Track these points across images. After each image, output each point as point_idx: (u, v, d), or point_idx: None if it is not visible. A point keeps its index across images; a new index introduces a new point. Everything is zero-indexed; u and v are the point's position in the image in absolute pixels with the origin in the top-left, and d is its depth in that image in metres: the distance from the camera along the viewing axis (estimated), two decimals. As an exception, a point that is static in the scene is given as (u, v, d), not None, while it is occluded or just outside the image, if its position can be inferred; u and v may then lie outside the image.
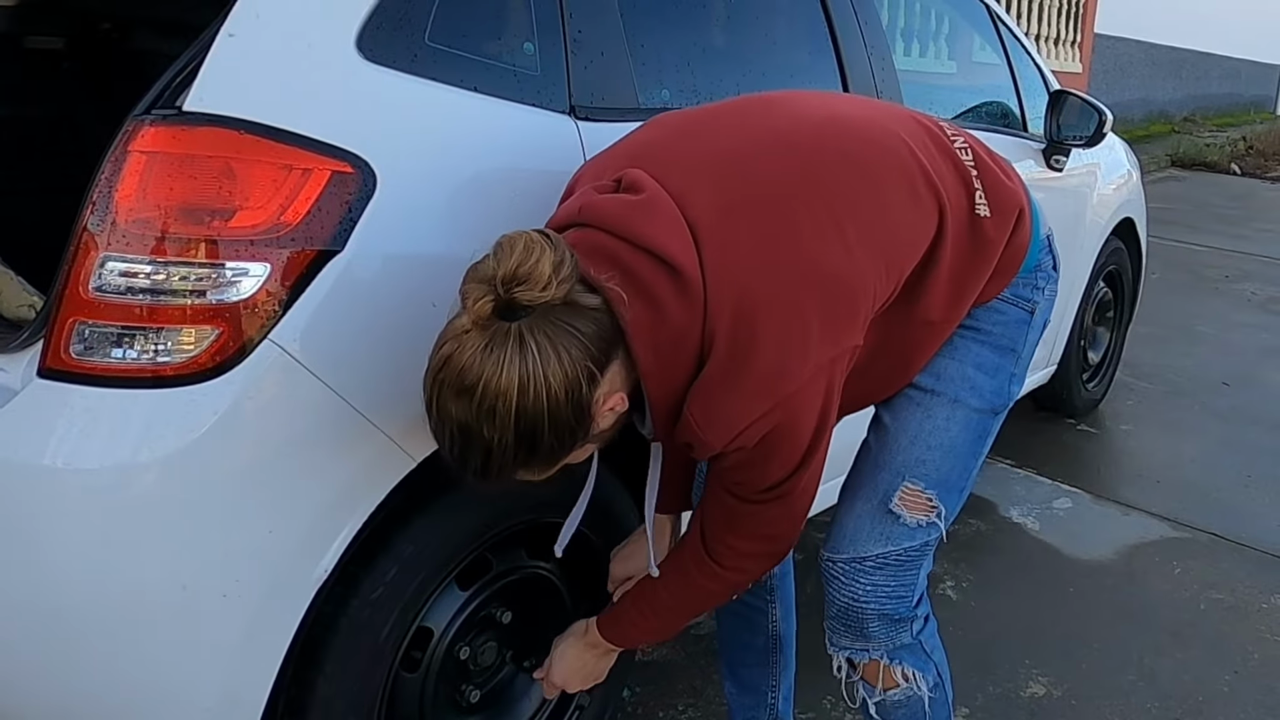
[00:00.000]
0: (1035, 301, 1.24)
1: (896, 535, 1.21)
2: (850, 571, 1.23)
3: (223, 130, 1.02)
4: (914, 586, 1.25)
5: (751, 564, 1.18)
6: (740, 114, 1.11)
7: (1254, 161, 9.74)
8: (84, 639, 1.04)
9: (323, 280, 1.06)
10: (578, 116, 1.35)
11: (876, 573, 1.22)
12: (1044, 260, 1.25)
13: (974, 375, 1.21)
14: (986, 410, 1.22)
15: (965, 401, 1.21)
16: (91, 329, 1.00)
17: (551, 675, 1.33)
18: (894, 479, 1.21)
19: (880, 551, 1.22)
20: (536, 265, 0.90)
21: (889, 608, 1.23)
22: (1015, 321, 1.22)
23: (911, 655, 1.27)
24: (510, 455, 0.94)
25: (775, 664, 1.53)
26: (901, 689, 1.27)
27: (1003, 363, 1.22)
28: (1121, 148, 3.18)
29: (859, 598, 1.23)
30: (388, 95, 1.15)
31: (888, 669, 1.26)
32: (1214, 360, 3.90)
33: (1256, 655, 2.05)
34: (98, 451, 1.00)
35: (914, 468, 1.21)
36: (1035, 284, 1.24)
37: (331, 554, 1.12)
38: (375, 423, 1.12)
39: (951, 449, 1.21)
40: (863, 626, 1.25)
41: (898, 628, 1.25)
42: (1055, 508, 2.65)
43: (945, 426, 1.20)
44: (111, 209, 1.00)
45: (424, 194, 1.16)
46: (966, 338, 1.21)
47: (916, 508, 1.21)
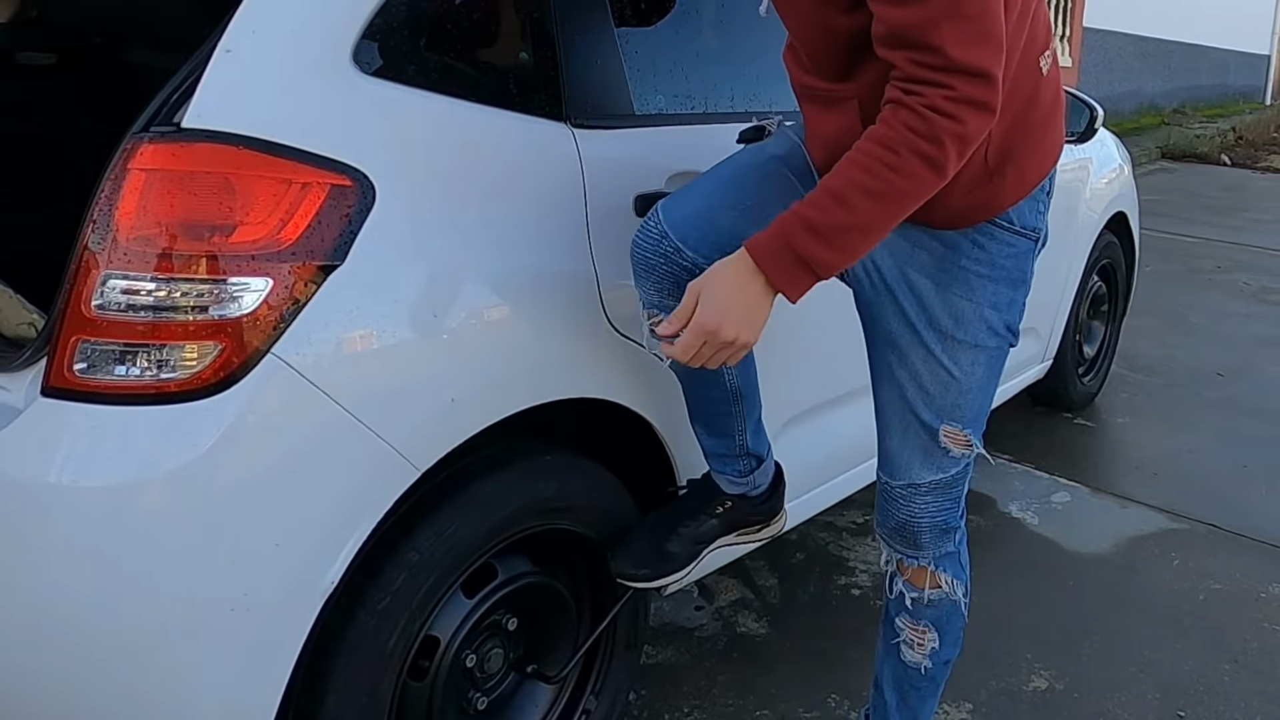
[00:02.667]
0: (1039, 228, 1.28)
1: (946, 465, 1.32)
2: (907, 494, 1.35)
3: (221, 146, 1.03)
4: (960, 499, 1.37)
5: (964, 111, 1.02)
6: None
7: (1244, 152, 9.77)
8: (91, 656, 1.04)
9: (324, 294, 1.07)
10: (574, 124, 1.36)
11: (929, 494, 1.34)
12: (1052, 187, 1.30)
13: (990, 315, 1.26)
14: (1003, 345, 1.30)
15: (984, 344, 1.27)
16: (94, 347, 1.01)
17: (701, 318, 1.11)
18: (935, 421, 1.30)
19: (934, 478, 1.33)
20: None
21: (940, 520, 1.36)
22: (1025, 252, 1.27)
23: (952, 564, 1.40)
24: None
25: (739, 411, 1.51)
26: (940, 591, 1.39)
27: (1015, 295, 1.28)
28: (1113, 142, 3.19)
29: (915, 514, 1.35)
30: (385, 107, 1.16)
31: (932, 574, 1.39)
32: (1208, 351, 3.92)
33: (1255, 644, 2.06)
34: (103, 469, 1.01)
35: (950, 411, 1.30)
36: (1039, 210, 1.28)
37: (338, 566, 1.12)
38: (379, 434, 1.12)
39: (980, 389, 1.30)
40: (916, 538, 1.37)
41: (946, 537, 1.37)
42: (1054, 502, 2.67)
43: (971, 370, 1.28)
44: (112, 227, 1.00)
45: (423, 205, 1.17)
46: (982, 276, 1.25)
47: (958, 443, 1.31)
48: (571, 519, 1.43)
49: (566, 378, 1.36)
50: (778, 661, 1.95)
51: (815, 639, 2.01)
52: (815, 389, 1.81)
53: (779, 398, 1.65)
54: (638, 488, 1.55)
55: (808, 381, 1.79)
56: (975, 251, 1.24)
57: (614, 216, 1.40)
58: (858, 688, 1.86)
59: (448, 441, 1.21)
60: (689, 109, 1.57)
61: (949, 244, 1.24)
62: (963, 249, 1.24)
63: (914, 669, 1.45)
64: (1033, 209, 1.26)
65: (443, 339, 1.18)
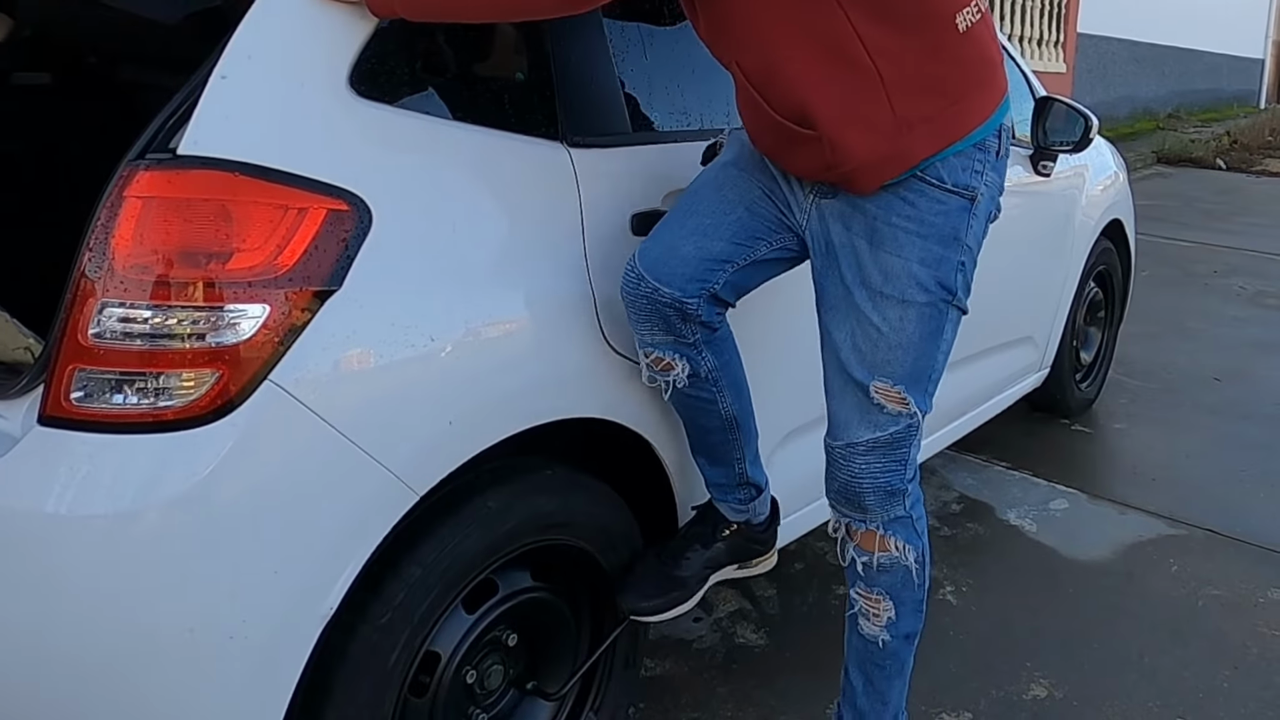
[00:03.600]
0: (975, 188, 1.29)
1: (883, 422, 1.33)
2: (846, 454, 1.36)
3: (218, 173, 1.03)
4: (905, 462, 1.37)
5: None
6: None
7: (1239, 156, 9.79)
8: (90, 685, 1.04)
9: (321, 319, 1.07)
10: (569, 144, 1.36)
11: (869, 454, 1.35)
12: (990, 141, 1.30)
13: (918, 271, 1.28)
14: (935, 302, 1.30)
15: (913, 299, 1.29)
16: (91, 376, 1.01)
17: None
18: (866, 378, 1.32)
19: (870, 437, 1.34)
20: None
21: (882, 481, 1.35)
22: (956, 210, 1.28)
23: (903, 529, 1.39)
24: None
25: (736, 440, 1.56)
26: (890, 555, 1.39)
27: (947, 253, 1.29)
28: (1108, 149, 3.20)
29: (855, 475, 1.36)
30: (381, 131, 1.17)
31: (881, 538, 1.39)
32: (1205, 356, 3.92)
33: (1255, 650, 2.06)
34: (101, 498, 1.01)
35: (881, 368, 1.31)
36: (974, 168, 1.29)
37: (337, 591, 1.12)
38: (378, 459, 1.12)
39: (910, 346, 1.30)
40: (860, 500, 1.37)
41: (892, 500, 1.37)
42: (1052, 509, 2.67)
43: (900, 326, 1.30)
44: (109, 255, 1.00)
45: (420, 228, 1.17)
46: (910, 232, 1.28)
47: (892, 400, 1.32)
48: (572, 534, 1.43)
49: (564, 398, 1.36)
50: (777, 673, 1.95)
51: (814, 650, 2.01)
52: (810, 404, 1.81)
53: (776, 414, 1.66)
54: (640, 507, 1.55)
55: (802, 397, 1.79)
56: (904, 209, 1.27)
57: (611, 235, 1.40)
58: (858, 700, 1.86)
59: (446, 464, 1.21)
60: (685, 126, 1.58)
61: (882, 204, 1.28)
62: (894, 207, 1.28)
63: (873, 643, 1.45)
64: (965, 167, 1.28)
65: (440, 362, 1.18)
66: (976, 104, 1.28)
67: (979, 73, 1.29)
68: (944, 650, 2.01)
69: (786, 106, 1.25)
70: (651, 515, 1.60)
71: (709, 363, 1.46)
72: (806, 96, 1.22)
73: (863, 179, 1.26)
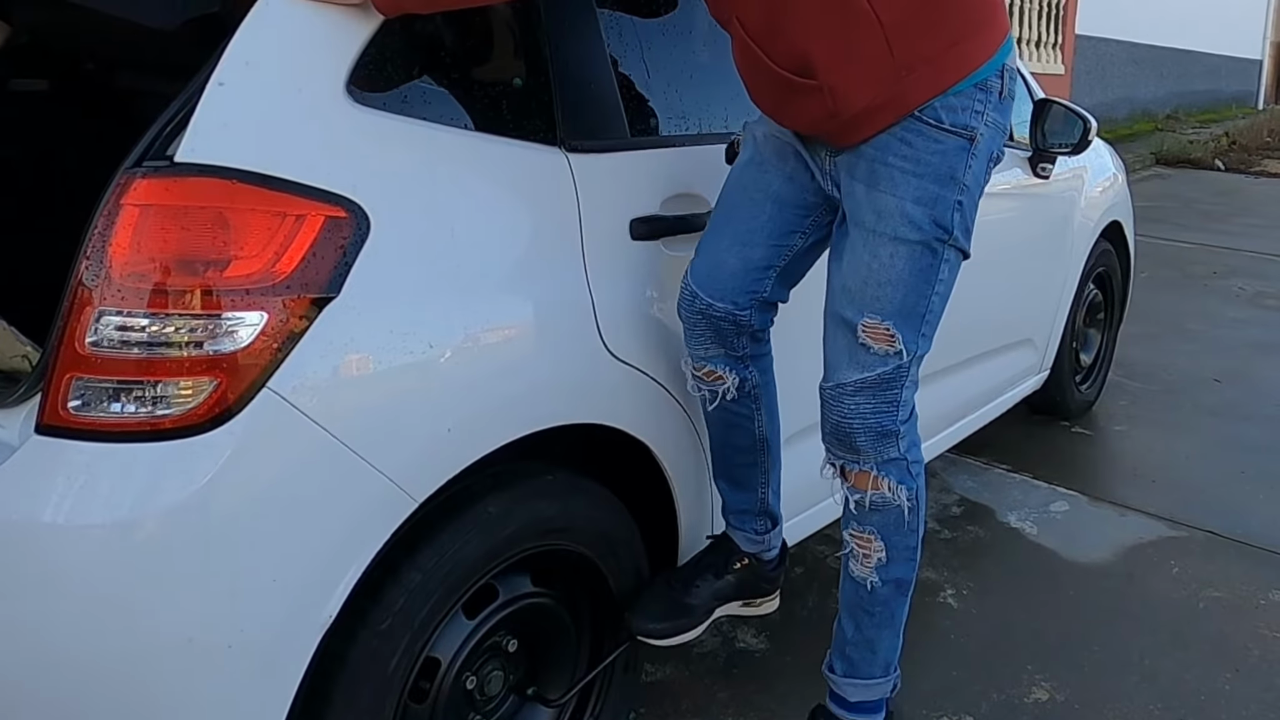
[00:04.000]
0: (974, 128, 1.28)
1: (869, 363, 1.33)
2: (836, 394, 1.36)
3: (215, 180, 1.03)
4: (897, 403, 1.36)
5: None
6: None
7: (1237, 157, 9.79)
8: (88, 696, 1.04)
9: (319, 326, 1.07)
10: (568, 149, 1.36)
11: (857, 395, 1.34)
12: (993, 81, 1.29)
13: (912, 210, 1.27)
14: (929, 241, 1.29)
15: (905, 237, 1.28)
16: (89, 384, 1.00)
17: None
18: (855, 316, 1.32)
19: (857, 378, 1.34)
20: None
21: (872, 422, 1.35)
22: (954, 150, 1.27)
23: (897, 470, 1.39)
24: None
25: (764, 463, 1.59)
26: (881, 494, 1.39)
27: (943, 192, 1.28)
28: (1107, 151, 3.20)
29: (846, 416, 1.36)
30: (379, 137, 1.16)
31: (875, 478, 1.39)
32: (1205, 357, 3.92)
33: (1256, 652, 2.06)
34: (99, 507, 1.00)
35: (870, 304, 1.31)
36: (974, 108, 1.28)
37: (336, 599, 1.12)
38: (377, 467, 1.12)
39: (900, 283, 1.30)
40: (851, 440, 1.37)
41: (884, 441, 1.36)
42: (1052, 511, 2.66)
43: (890, 264, 1.29)
44: (106, 263, 1.00)
45: (418, 234, 1.17)
46: (906, 171, 1.27)
47: (879, 339, 1.32)
48: (572, 539, 1.43)
49: (564, 404, 1.36)
50: (777, 677, 1.94)
51: (815, 654, 1.99)
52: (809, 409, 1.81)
53: (783, 414, 1.65)
54: (635, 506, 1.54)
55: (801, 401, 1.79)
56: (901, 148, 1.27)
57: (610, 240, 1.40)
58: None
59: (445, 471, 1.21)
60: (683, 130, 1.58)
61: (879, 145, 1.28)
62: (891, 148, 1.27)
63: (862, 586, 1.45)
64: (965, 107, 1.27)
65: (438, 368, 1.18)
66: (977, 44, 1.27)
67: (979, 12, 1.28)
68: (945, 653, 2.01)
69: (787, 57, 1.25)
70: (653, 522, 1.60)
71: (754, 378, 1.50)
72: (808, 45, 1.23)
73: (863, 124, 1.27)
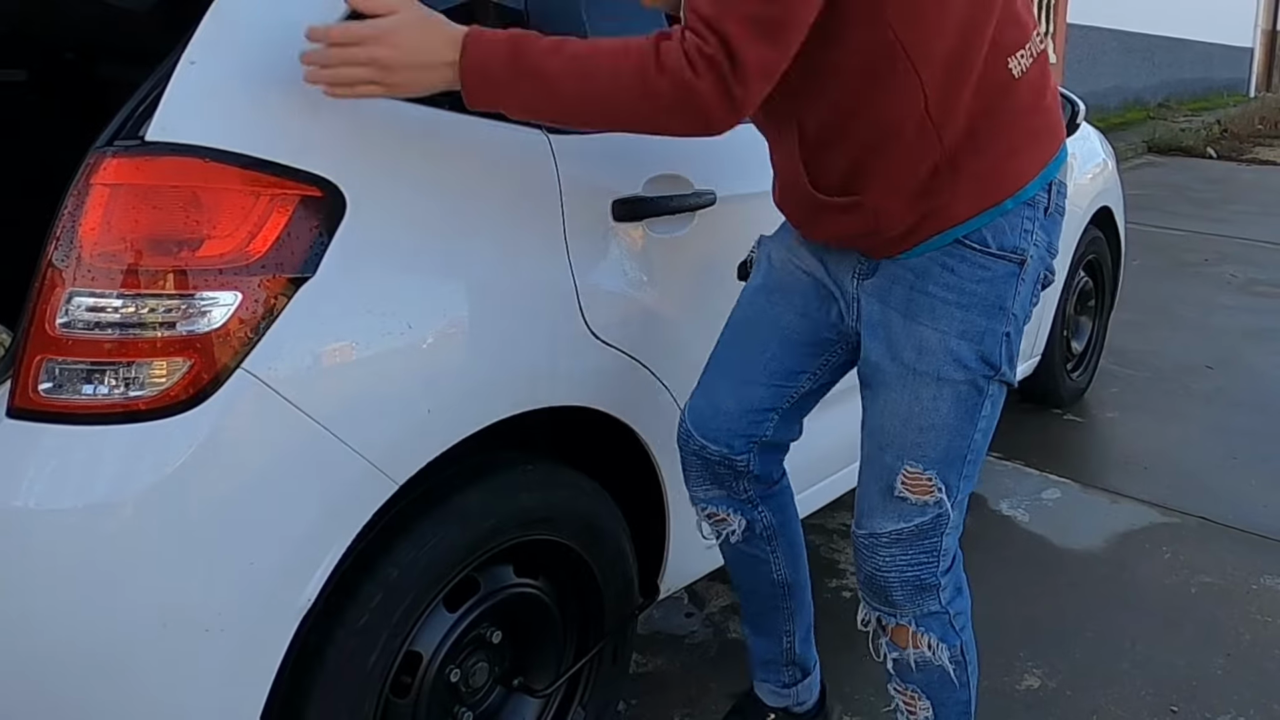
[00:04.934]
0: (1024, 250, 1.17)
1: (907, 513, 1.22)
2: (870, 544, 1.26)
3: (187, 159, 1.01)
4: (937, 554, 1.24)
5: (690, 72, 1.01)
6: None
7: (1229, 145, 9.81)
8: (62, 683, 1.02)
9: (295, 306, 1.05)
10: (548, 130, 1.34)
11: (893, 546, 1.23)
12: (1040, 198, 1.19)
13: (957, 346, 1.17)
14: (976, 379, 1.18)
15: (949, 377, 1.17)
16: (60, 366, 0.99)
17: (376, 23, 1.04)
18: (895, 462, 1.22)
19: (893, 529, 1.23)
20: None
21: (910, 575, 1.24)
22: (1003, 276, 1.16)
23: (938, 625, 1.28)
24: None
25: (786, 608, 1.52)
26: (920, 653, 1.28)
27: (992, 325, 1.17)
28: (1096, 137, 3.19)
29: (880, 568, 1.25)
30: (354, 116, 1.14)
31: (914, 634, 1.28)
32: (1196, 344, 3.92)
33: (1247, 637, 2.06)
34: (72, 491, 0.99)
35: (910, 451, 1.20)
36: (1023, 227, 1.17)
37: (315, 583, 1.10)
38: (354, 448, 1.11)
39: (944, 428, 1.19)
40: (887, 594, 1.26)
41: (924, 595, 1.26)
42: (1044, 499, 2.66)
43: (934, 407, 1.18)
44: (76, 243, 0.98)
45: (395, 214, 1.16)
46: (949, 303, 1.17)
47: (919, 489, 1.20)
48: (555, 530, 1.41)
49: (546, 386, 1.34)
50: (769, 666, 1.93)
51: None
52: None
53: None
54: (620, 495, 1.53)
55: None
56: (944, 276, 1.16)
57: (592, 221, 1.39)
58: (850, 692, 1.85)
59: (425, 454, 1.19)
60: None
61: (919, 272, 1.18)
62: (931, 274, 1.17)
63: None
64: (1014, 227, 1.16)
65: (418, 350, 1.17)
66: (1030, 157, 1.17)
67: (1032, 121, 1.17)
68: (936, 640, 2.01)
69: (836, 168, 1.17)
70: (639, 509, 1.58)
71: (764, 519, 1.44)
72: (862, 159, 1.14)
73: (903, 240, 1.17)
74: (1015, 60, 1.14)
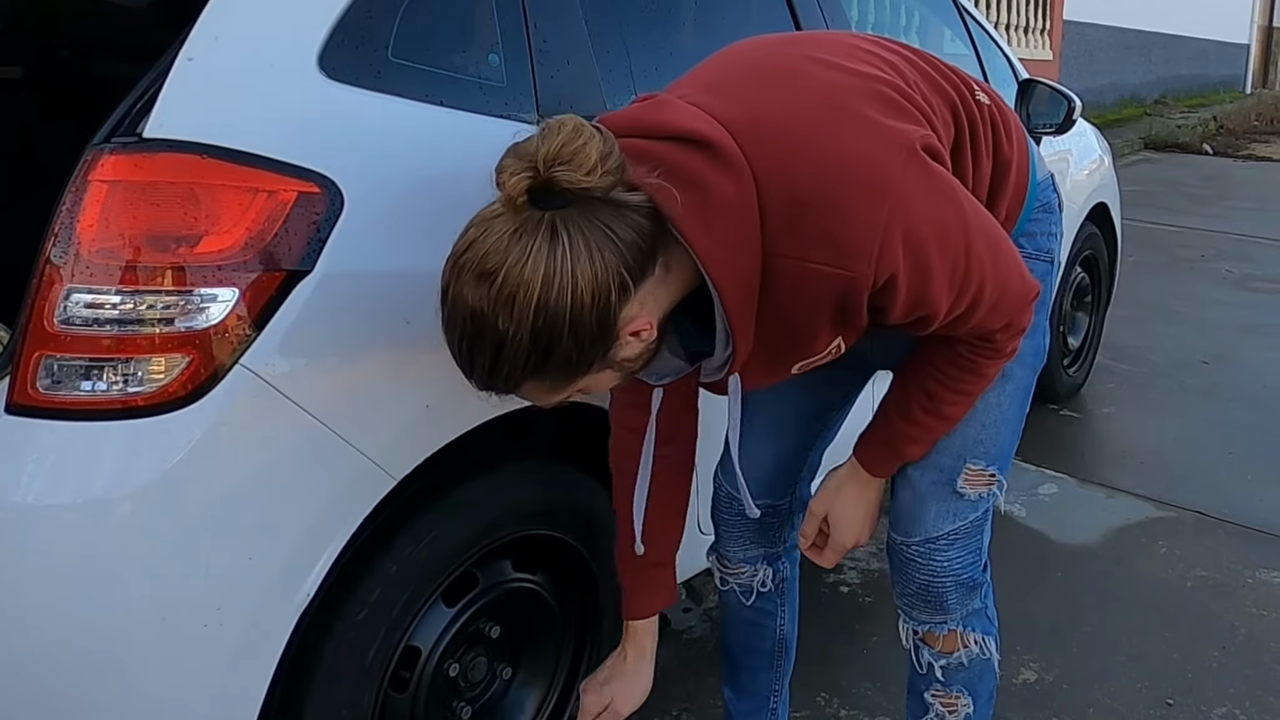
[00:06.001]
0: (1052, 250, 1.26)
1: (963, 510, 1.24)
2: (926, 552, 1.25)
3: (185, 156, 1.01)
4: (981, 551, 1.28)
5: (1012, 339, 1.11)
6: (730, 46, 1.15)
7: (1225, 141, 9.83)
8: (61, 680, 1.02)
9: (293, 302, 1.05)
10: (546, 126, 1.34)
11: (950, 548, 1.25)
12: (1051, 199, 1.27)
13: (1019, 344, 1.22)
14: (1030, 373, 1.24)
15: (1013, 373, 1.21)
16: (59, 363, 0.99)
17: (840, 538, 1.24)
18: (956, 462, 1.23)
19: (951, 529, 1.24)
20: (584, 148, 0.84)
21: (965, 576, 1.26)
22: (1041, 276, 1.21)
23: (980, 621, 1.31)
24: (523, 357, 0.87)
25: (779, 667, 1.53)
26: (969, 651, 1.30)
27: (1038, 320, 1.22)
28: (1092, 134, 3.20)
29: (938, 574, 1.26)
30: (352, 113, 1.15)
31: (961, 635, 1.29)
32: (1193, 339, 3.93)
33: (1243, 630, 2.07)
34: (70, 487, 0.99)
35: (973, 448, 1.23)
36: (1049, 230, 1.25)
37: (314, 578, 1.11)
38: (353, 443, 1.11)
39: (1005, 422, 1.23)
40: (942, 600, 1.27)
41: (971, 594, 1.28)
42: (1041, 494, 2.67)
43: (997, 402, 1.22)
44: (74, 240, 0.98)
45: (393, 211, 1.16)
46: None
47: (979, 484, 1.24)
48: (553, 524, 1.42)
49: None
50: (767, 661, 1.94)
51: (804, 637, 1.98)
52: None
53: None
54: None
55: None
56: None
57: (589, 218, 1.38)
58: (848, 686, 1.86)
59: (424, 449, 1.20)
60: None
61: None
62: None
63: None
64: (1043, 230, 1.24)
65: (416, 345, 1.16)
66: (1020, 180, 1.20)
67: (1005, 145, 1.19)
68: (933, 634, 2.01)
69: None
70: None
71: (785, 569, 1.47)
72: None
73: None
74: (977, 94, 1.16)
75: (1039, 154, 1.28)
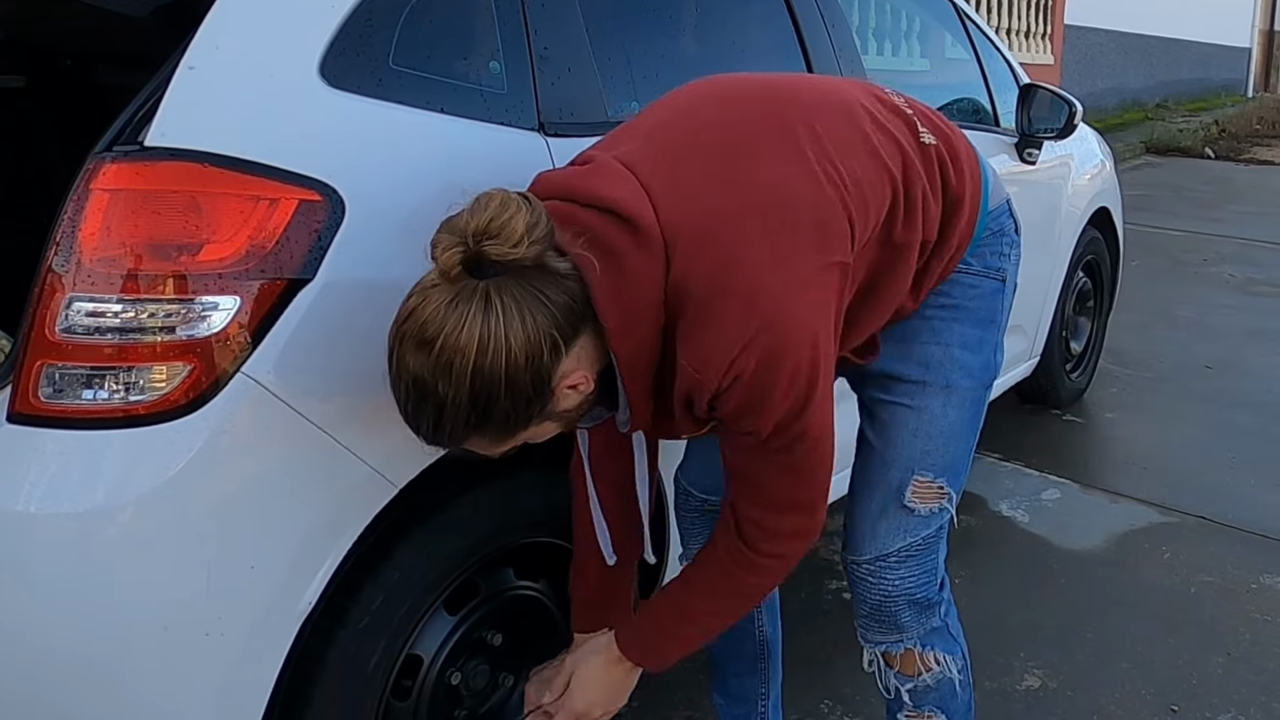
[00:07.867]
0: (1004, 269, 1.26)
1: (914, 526, 1.24)
2: (877, 570, 1.26)
3: (186, 164, 1.02)
4: (936, 570, 1.28)
5: (787, 545, 1.13)
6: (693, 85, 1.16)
7: (1227, 145, 9.83)
8: (62, 688, 1.02)
9: (294, 310, 1.05)
10: (547, 133, 1.35)
11: (901, 566, 1.25)
12: (1005, 224, 1.27)
13: (960, 355, 1.23)
14: (978, 386, 1.25)
15: (957, 384, 1.22)
16: (61, 371, 0.99)
17: (571, 703, 1.23)
18: (903, 475, 1.23)
19: (901, 545, 1.25)
20: (510, 221, 0.89)
21: (918, 594, 1.26)
22: (990, 293, 1.25)
23: (941, 639, 1.31)
24: (463, 416, 0.92)
25: (764, 670, 1.53)
26: (934, 673, 1.30)
27: (985, 335, 1.24)
28: (1094, 138, 3.20)
29: (890, 593, 1.26)
30: (353, 121, 1.15)
31: (921, 655, 1.29)
32: (1195, 344, 3.93)
33: (1248, 636, 2.06)
34: (72, 495, 0.99)
35: (920, 460, 1.23)
36: (1001, 250, 1.26)
37: (315, 586, 1.11)
38: (354, 451, 1.11)
39: (953, 434, 1.23)
40: (895, 618, 1.27)
41: (927, 613, 1.28)
42: (1044, 499, 2.66)
43: (943, 413, 1.22)
44: (76, 249, 0.99)
45: (393, 218, 1.16)
46: (947, 319, 1.23)
47: (929, 498, 1.24)
48: (555, 532, 1.41)
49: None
50: (770, 668, 1.93)
51: (807, 645, 1.99)
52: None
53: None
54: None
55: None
56: (937, 299, 1.22)
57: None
58: (850, 693, 1.85)
59: (425, 457, 1.19)
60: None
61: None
62: (925, 301, 1.22)
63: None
64: (993, 251, 1.24)
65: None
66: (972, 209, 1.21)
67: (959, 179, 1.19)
68: (937, 641, 2.01)
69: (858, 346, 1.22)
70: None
71: None
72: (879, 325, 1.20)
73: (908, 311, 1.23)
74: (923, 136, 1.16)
75: (995, 179, 1.28)
